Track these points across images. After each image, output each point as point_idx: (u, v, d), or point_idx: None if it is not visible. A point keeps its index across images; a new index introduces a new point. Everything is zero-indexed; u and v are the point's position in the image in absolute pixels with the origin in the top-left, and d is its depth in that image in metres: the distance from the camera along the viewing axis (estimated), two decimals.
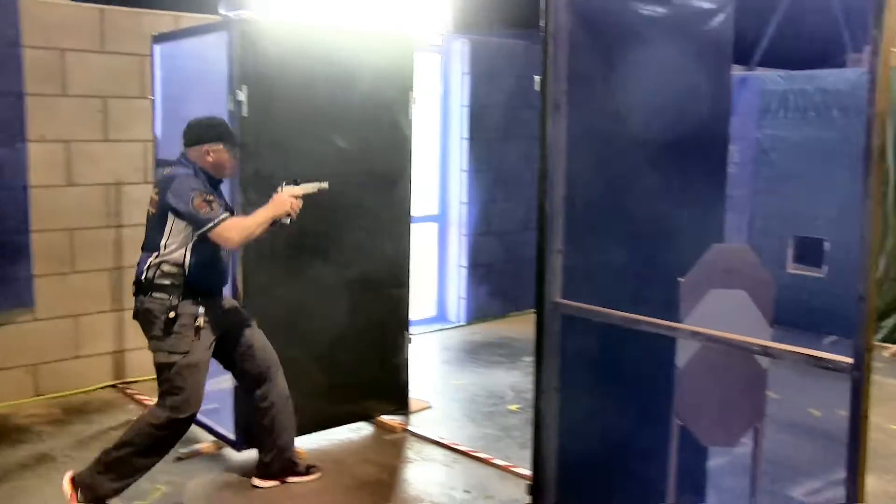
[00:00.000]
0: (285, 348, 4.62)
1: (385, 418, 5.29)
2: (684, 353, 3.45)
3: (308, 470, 4.47)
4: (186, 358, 3.89)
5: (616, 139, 3.43)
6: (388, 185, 5.14)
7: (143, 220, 4.08)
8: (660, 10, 3.50)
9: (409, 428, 5.24)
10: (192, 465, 4.67)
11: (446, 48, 7.87)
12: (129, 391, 5.79)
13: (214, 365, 5.11)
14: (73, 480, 3.89)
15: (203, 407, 5.09)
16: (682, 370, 3.45)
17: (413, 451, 4.95)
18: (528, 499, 4.31)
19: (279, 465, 4.36)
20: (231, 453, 4.78)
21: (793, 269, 7.26)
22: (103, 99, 5.74)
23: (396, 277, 5.27)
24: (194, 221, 3.81)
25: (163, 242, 3.88)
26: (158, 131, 5.28)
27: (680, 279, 3.43)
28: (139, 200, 5.31)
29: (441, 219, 8.14)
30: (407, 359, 5.35)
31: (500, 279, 8.21)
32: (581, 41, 3.20)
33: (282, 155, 4.64)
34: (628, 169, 3.51)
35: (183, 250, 3.88)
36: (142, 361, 5.71)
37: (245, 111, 4.49)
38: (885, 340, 6.92)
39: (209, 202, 3.81)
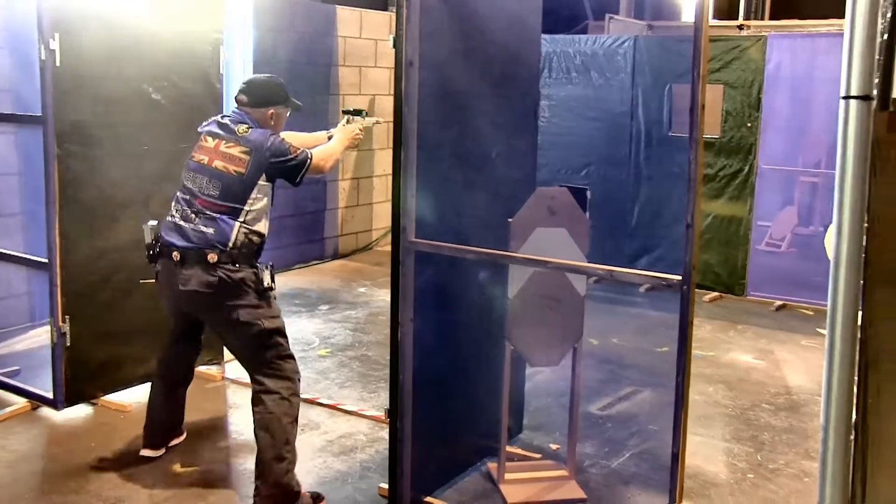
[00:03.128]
0: (100, 301, 4.71)
1: (202, 368, 5.38)
2: (515, 285, 3.90)
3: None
4: (282, 326, 3.83)
5: (456, 95, 3.78)
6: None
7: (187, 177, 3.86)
8: None
9: (228, 376, 5.37)
10: (9, 428, 4.55)
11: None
12: None
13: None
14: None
15: (5, 369, 5.01)
16: (512, 300, 3.90)
17: (237, 396, 5.10)
18: (364, 429, 4.67)
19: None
20: (50, 412, 4.71)
21: None
22: None
23: None
24: (297, 167, 3.85)
25: (246, 208, 3.73)
26: None
27: (509, 220, 3.87)
28: None
29: None
30: None
31: (285, 233, 8.37)
32: (430, 5, 3.50)
33: (100, 106, 4.61)
34: (467, 121, 3.87)
35: (264, 216, 3.81)
36: None
37: (58, 61, 4.40)
38: None
39: (291, 145, 3.88)
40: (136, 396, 4.89)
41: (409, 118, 3.45)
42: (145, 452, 4.23)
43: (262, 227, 3.80)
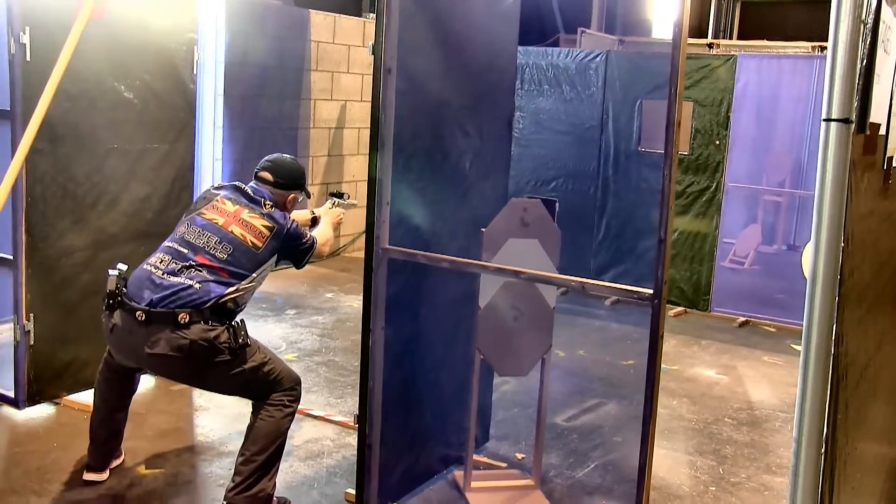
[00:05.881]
0: (65, 300, 4.69)
1: None
2: (485, 295, 3.92)
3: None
4: (261, 352, 3.72)
5: (432, 104, 3.79)
6: (172, 138, 5.17)
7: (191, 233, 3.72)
8: None
9: None
10: None
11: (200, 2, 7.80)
12: None
13: None
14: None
15: None
16: (483, 310, 3.92)
17: (202, 399, 5.06)
18: (330, 435, 4.66)
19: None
20: (11, 412, 4.64)
21: None
22: None
23: None
24: (306, 251, 3.95)
25: (244, 284, 3.66)
26: None
27: (482, 229, 3.89)
28: None
29: (194, 174, 8.08)
30: None
31: None
32: (409, 13, 3.51)
33: (69, 103, 4.57)
34: (441, 130, 3.89)
35: (248, 295, 3.73)
36: None
37: (28, 55, 4.36)
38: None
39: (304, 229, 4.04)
40: None
41: (385, 126, 3.46)
42: (89, 476, 4.00)
43: (241, 300, 3.69)
